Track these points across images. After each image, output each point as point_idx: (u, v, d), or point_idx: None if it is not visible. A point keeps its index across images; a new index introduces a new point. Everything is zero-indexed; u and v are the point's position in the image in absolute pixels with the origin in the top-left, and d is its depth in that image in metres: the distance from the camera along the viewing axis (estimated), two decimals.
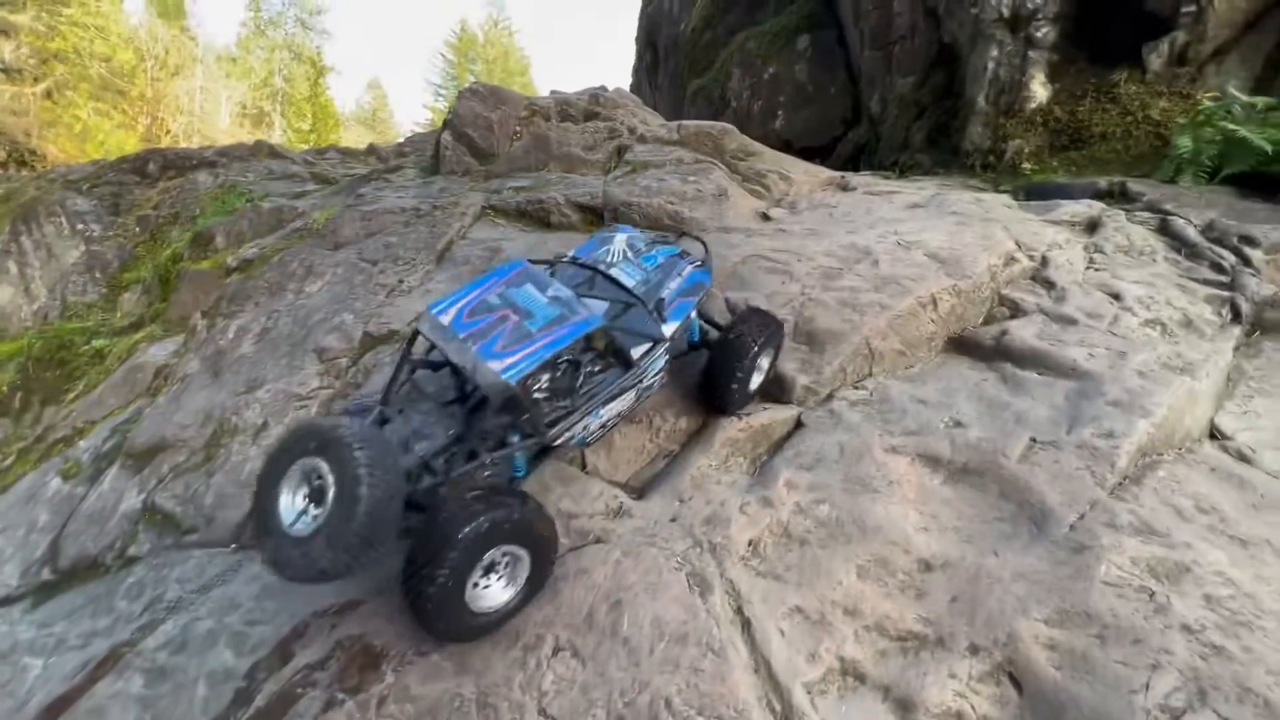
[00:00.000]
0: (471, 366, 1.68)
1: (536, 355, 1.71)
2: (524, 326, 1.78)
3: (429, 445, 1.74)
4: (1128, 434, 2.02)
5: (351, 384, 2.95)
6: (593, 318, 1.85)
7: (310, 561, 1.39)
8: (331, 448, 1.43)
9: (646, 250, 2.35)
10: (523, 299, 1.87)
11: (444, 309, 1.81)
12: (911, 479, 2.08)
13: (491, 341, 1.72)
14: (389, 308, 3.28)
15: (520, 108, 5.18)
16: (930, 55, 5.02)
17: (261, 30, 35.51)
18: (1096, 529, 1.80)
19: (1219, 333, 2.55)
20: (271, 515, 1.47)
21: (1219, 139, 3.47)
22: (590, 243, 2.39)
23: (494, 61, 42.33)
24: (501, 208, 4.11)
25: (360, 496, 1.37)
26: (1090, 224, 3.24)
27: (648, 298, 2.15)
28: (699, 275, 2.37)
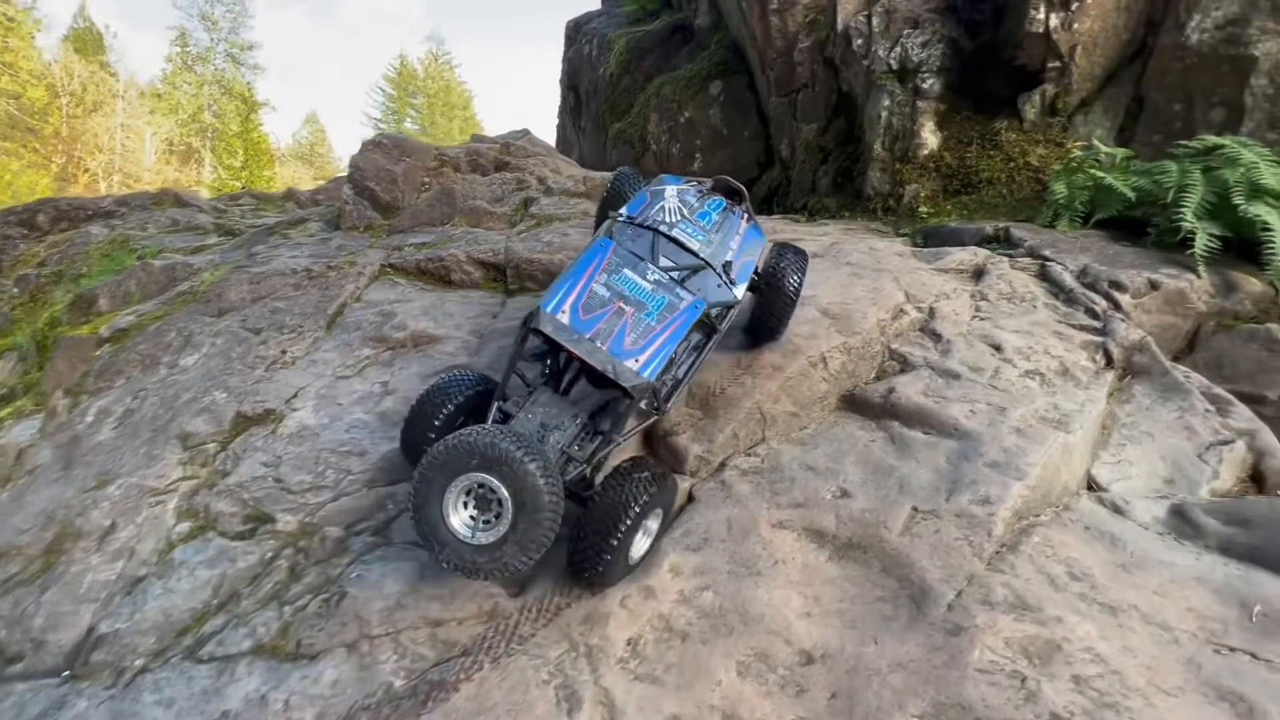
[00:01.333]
0: (612, 368, 1.81)
1: (665, 349, 1.88)
2: (642, 320, 1.91)
3: (562, 435, 1.91)
4: (1003, 499, 2.02)
5: (219, 472, 2.70)
6: (698, 301, 2.02)
7: (503, 565, 1.62)
8: (498, 464, 1.56)
9: (700, 206, 2.40)
10: (629, 287, 1.99)
11: (559, 305, 1.90)
12: (797, 557, 2.01)
13: (619, 339, 1.86)
14: (267, 384, 3.06)
15: (429, 158, 5.06)
16: (831, 103, 5.19)
17: (189, 66, 34.37)
18: (972, 607, 1.76)
19: (1093, 380, 2.63)
20: (438, 528, 1.62)
21: (1090, 185, 3.66)
22: (640, 197, 2.40)
23: (435, 95, 42.15)
24: (401, 266, 3.95)
25: (544, 506, 1.56)
26: (976, 271, 3.34)
27: (714, 259, 2.22)
28: (755, 233, 2.53)
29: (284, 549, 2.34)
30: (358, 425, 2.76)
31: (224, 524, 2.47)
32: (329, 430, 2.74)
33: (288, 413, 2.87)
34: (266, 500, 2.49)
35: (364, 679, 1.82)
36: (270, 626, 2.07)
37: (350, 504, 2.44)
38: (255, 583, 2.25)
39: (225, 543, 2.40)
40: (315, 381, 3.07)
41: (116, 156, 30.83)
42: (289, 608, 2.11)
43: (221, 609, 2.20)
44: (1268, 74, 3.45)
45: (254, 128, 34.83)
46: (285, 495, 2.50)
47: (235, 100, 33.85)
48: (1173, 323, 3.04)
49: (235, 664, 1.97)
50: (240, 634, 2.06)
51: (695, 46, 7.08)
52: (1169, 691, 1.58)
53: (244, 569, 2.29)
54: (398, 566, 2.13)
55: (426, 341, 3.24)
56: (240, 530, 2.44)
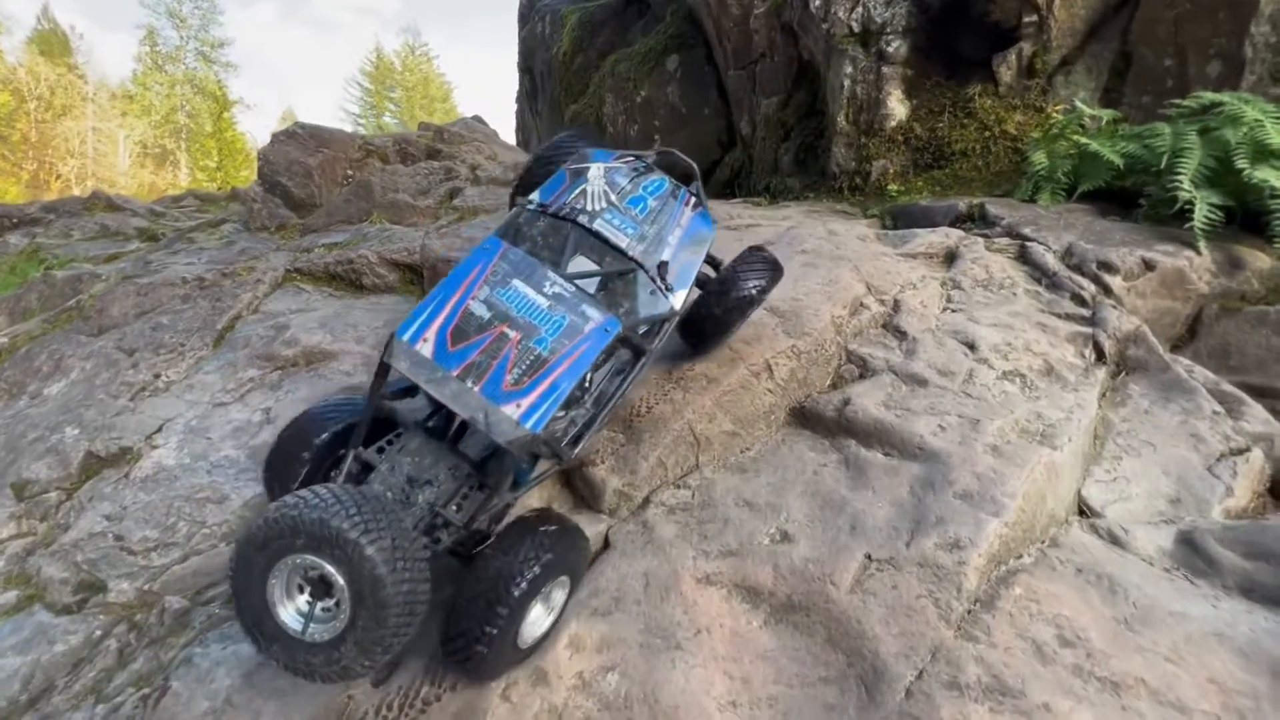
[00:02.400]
0: (484, 419, 1.38)
1: (559, 389, 1.44)
2: (531, 349, 1.47)
3: (433, 492, 1.52)
4: (976, 542, 1.63)
5: (59, 526, 2.28)
6: (610, 322, 1.56)
7: (343, 670, 1.25)
8: (329, 545, 1.19)
9: (632, 189, 1.92)
10: (517, 304, 1.53)
11: (418, 332, 1.45)
12: (725, 623, 1.62)
13: (497, 376, 1.42)
14: (129, 415, 2.63)
15: (352, 149, 4.59)
16: (791, 73, 4.77)
17: (159, 65, 33.34)
18: (936, 694, 1.38)
19: (1083, 379, 2.25)
20: (264, 618, 1.26)
21: (1073, 153, 3.28)
22: (557, 178, 1.90)
23: (414, 89, 41.28)
24: (308, 270, 3.51)
25: (389, 601, 1.20)
26: (948, 255, 2.95)
27: (646, 259, 1.76)
28: (701, 222, 2.02)
29: (116, 625, 1.93)
30: (223, 465, 2.34)
31: (52, 593, 2.06)
32: (188, 473, 2.32)
33: (146, 450, 2.45)
34: (102, 563, 2.08)
35: None
36: None
37: (200, 564, 2.03)
38: (75, 671, 1.84)
39: (48, 619, 1.98)
40: (187, 411, 2.64)
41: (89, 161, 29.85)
42: (104, 707, 1.71)
43: (30, 707, 1.79)
44: (1270, 19, 3.06)
45: (228, 126, 33.86)
46: (125, 557, 2.09)
47: (208, 100, 32.89)
48: (1171, 307, 2.67)
49: None
50: None
51: (650, 19, 6.61)
52: None
53: (64, 653, 1.88)
54: (236, 650, 1.73)
55: (320, 358, 2.81)
56: (68, 602, 2.02)
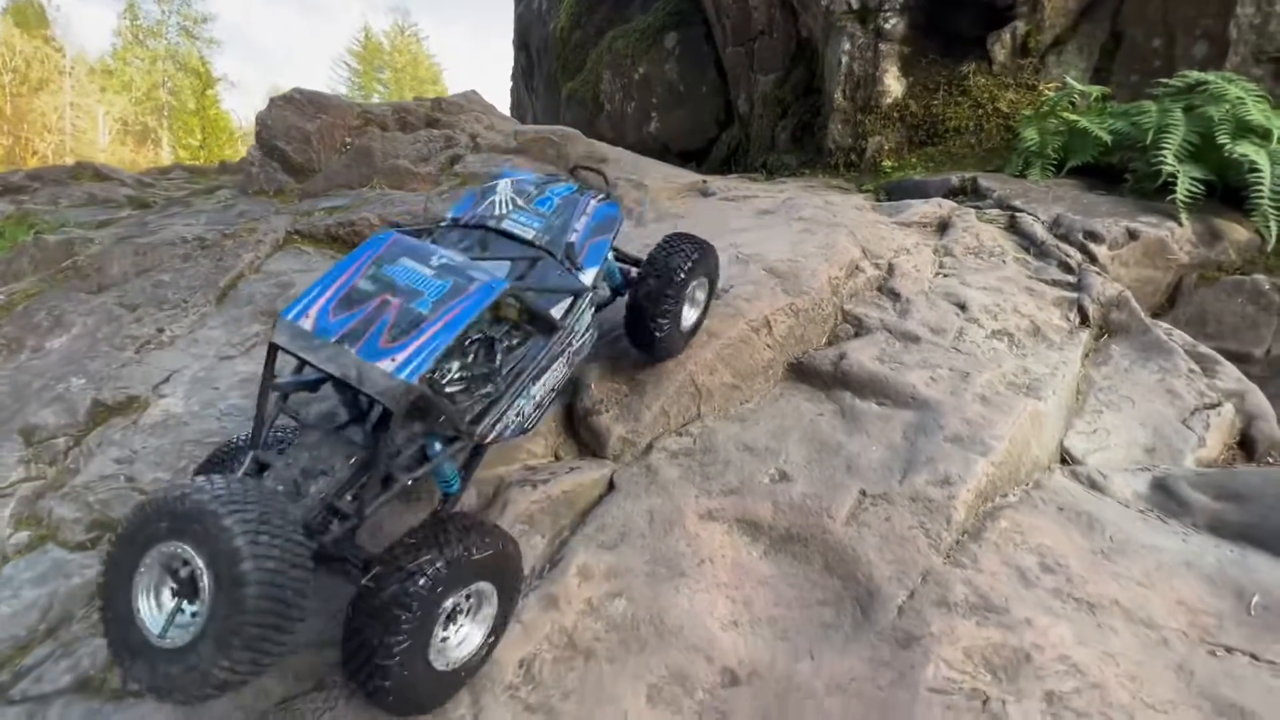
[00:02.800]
0: (355, 374, 1.31)
1: (435, 342, 1.37)
2: (411, 309, 1.42)
3: (327, 482, 1.41)
4: (965, 479, 1.73)
5: (69, 470, 2.31)
6: (495, 281, 1.50)
7: (201, 676, 1.06)
8: (189, 523, 1.08)
9: (539, 193, 2.00)
10: (403, 276, 1.49)
11: (301, 310, 1.41)
12: (727, 554, 1.71)
13: (374, 337, 1.36)
14: (135, 367, 2.65)
15: (350, 116, 4.58)
16: (789, 51, 4.81)
17: (140, 40, 32.45)
18: (927, 611, 1.47)
19: (1067, 340, 2.35)
20: (129, 628, 1.11)
21: (1063, 130, 3.37)
22: (467, 198, 2.00)
23: (402, 69, 40.65)
24: (309, 232, 3.52)
25: (245, 576, 1.05)
26: (940, 224, 3.03)
27: (553, 246, 1.84)
28: (607, 208, 2.07)
29: None
30: (232, 413, 2.37)
31: (65, 532, 2.09)
32: (198, 419, 2.36)
33: (154, 400, 2.47)
34: (115, 503, 2.11)
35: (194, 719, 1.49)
36: (98, 657, 1.71)
37: None
38: (92, 603, 1.88)
39: (63, 555, 2.02)
40: (193, 364, 2.67)
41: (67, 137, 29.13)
42: None
43: (49, 635, 1.83)
44: (1254, 2, 3.15)
45: (212, 104, 33.11)
46: (138, 497, 2.12)
47: (191, 76, 32.11)
48: (1152, 276, 2.78)
49: (49, 705, 1.62)
50: (62, 667, 1.71)
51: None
52: (1158, 707, 1.31)
53: (80, 586, 1.92)
54: None
55: None
56: (82, 540, 2.06)
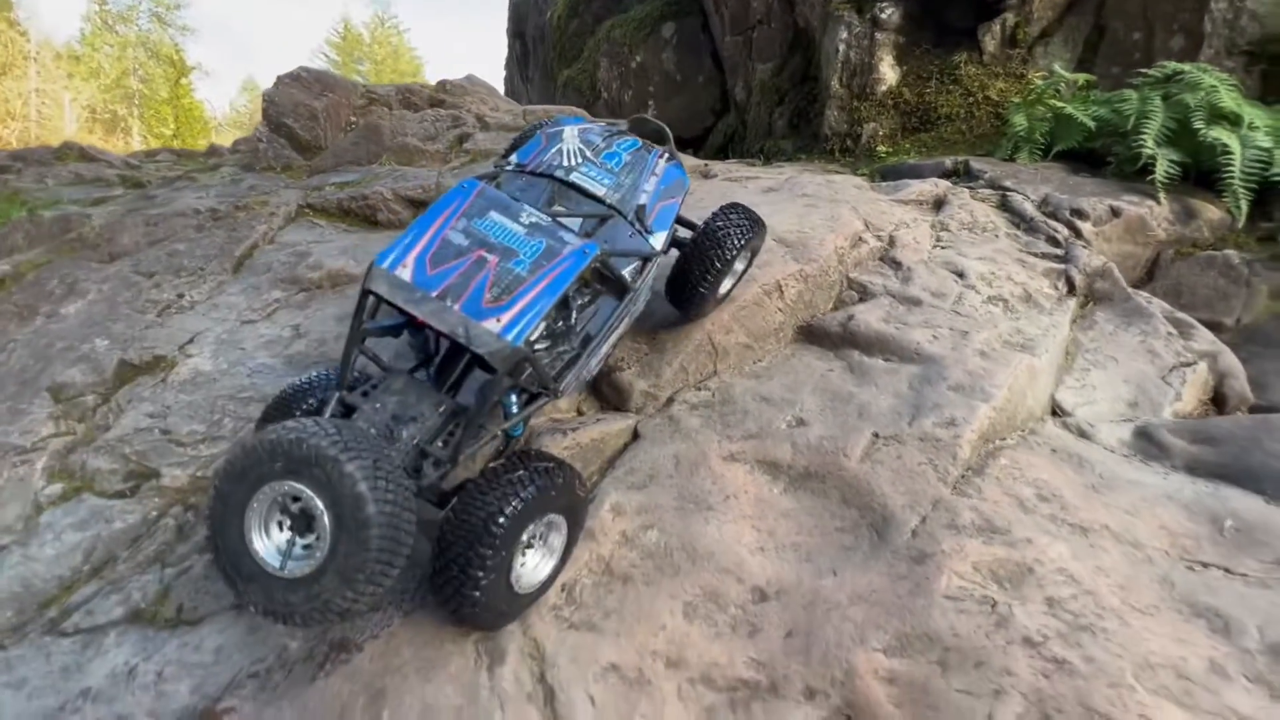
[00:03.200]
0: (464, 332, 1.38)
1: (538, 305, 1.42)
2: (509, 270, 1.46)
3: (419, 428, 1.47)
4: (969, 421, 1.87)
5: (99, 426, 2.36)
6: (589, 245, 1.55)
7: (325, 605, 1.16)
8: (307, 466, 1.14)
9: (605, 146, 1.99)
10: (495, 232, 1.53)
11: (398, 259, 1.45)
12: (749, 490, 1.83)
13: (476, 295, 1.41)
14: (158, 329, 2.69)
15: (355, 95, 4.62)
16: (787, 40, 4.95)
17: (109, 26, 31.61)
18: (938, 532, 1.61)
19: (1056, 306, 2.51)
20: (241, 558, 1.19)
21: (1050, 116, 3.55)
22: (533, 142, 1.99)
23: (383, 61, 40.18)
24: (321, 206, 3.57)
25: (370, 519, 1.13)
26: (936, 202, 3.19)
27: (624, 205, 1.83)
28: (675, 171, 2.07)
29: (171, 506, 2.03)
30: (262, 370, 2.44)
31: (101, 482, 2.15)
32: (228, 376, 2.42)
33: (181, 359, 2.53)
34: (151, 454, 2.17)
35: (254, 643, 1.57)
36: (148, 591, 1.78)
37: None
38: (135, 545, 1.95)
39: (101, 502, 2.08)
40: (216, 326, 2.72)
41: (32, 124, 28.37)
42: (172, 570, 1.83)
43: (94, 575, 1.90)
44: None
45: (185, 93, 32.41)
46: (174, 448, 2.19)
47: (164, 64, 31.37)
48: (1133, 251, 2.96)
49: (103, 635, 1.69)
50: (112, 601, 1.78)
51: None
52: (1144, 610, 1.46)
53: (122, 530, 1.99)
54: None
55: (345, 281, 2.91)
56: (120, 489, 2.12)
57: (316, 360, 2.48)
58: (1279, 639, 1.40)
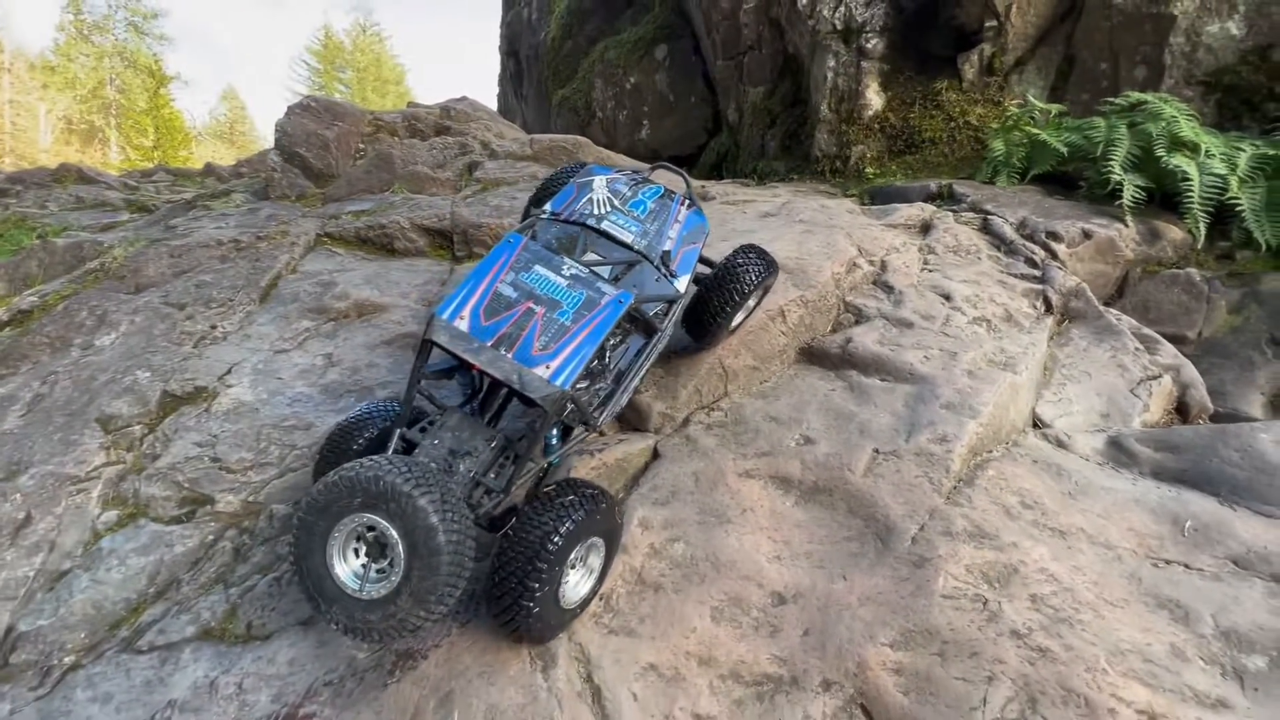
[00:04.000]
0: (517, 378, 1.55)
1: (583, 351, 1.61)
2: (555, 320, 1.65)
3: (473, 461, 1.64)
4: (959, 436, 2.08)
5: (147, 455, 2.50)
6: (623, 294, 1.74)
7: (400, 623, 1.33)
8: (385, 501, 1.30)
9: (632, 195, 2.17)
10: (540, 285, 1.73)
11: (456, 311, 1.64)
12: (764, 504, 2.02)
13: (527, 344, 1.60)
14: (196, 360, 2.84)
15: (363, 123, 4.78)
16: (777, 65, 5.18)
17: (85, 35, 31.28)
18: (935, 539, 1.81)
19: (1035, 325, 2.74)
20: (324, 580, 1.35)
21: (1026, 142, 3.79)
22: (566, 191, 2.16)
23: (365, 70, 40.08)
24: (339, 235, 3.73)
25: (440, 548, 1.30)
26: (923, 226, 3.42)
27: (651, 251, 2.00)
28: (696, 218, 2.27)
29: (227, 530, 2.19)
30: (301, 399, 2.60)
31: (156, 509, 2.30)
32: (269, 406, 2.57)
33: (222, 390, 2.68)
34: (204, 481, 2.32)
35: (324, 655, 1.73)
36: (216, 610, 1.94)
37: (297, 480, 2.31)
38: (196, 567, 2.10)
39: (159, 528, 2.23)
40: (251, 356, 2.87)
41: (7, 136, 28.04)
42: (236, 589, 1.99)
43: (160, 597, 2.05)
44: (1185, 32, 3.63)
45: (165, 103, 32.17)
46: (224, 475, 2.34)
47: (141, 74, 31.11)
48: (1104, 270, 3.20)
49: (179, 652, 1.84)
50: (183, 620, 1.93)
51: (639, 9, 6.92)
52: (1115, 603, 1.67)
53: (183, 554, 2.14)
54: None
55: (371, 311, 3.07)
56: (176, 514, 2.27)
57: (351, 388, 2.65)
58: (1230, 625, 1.61)
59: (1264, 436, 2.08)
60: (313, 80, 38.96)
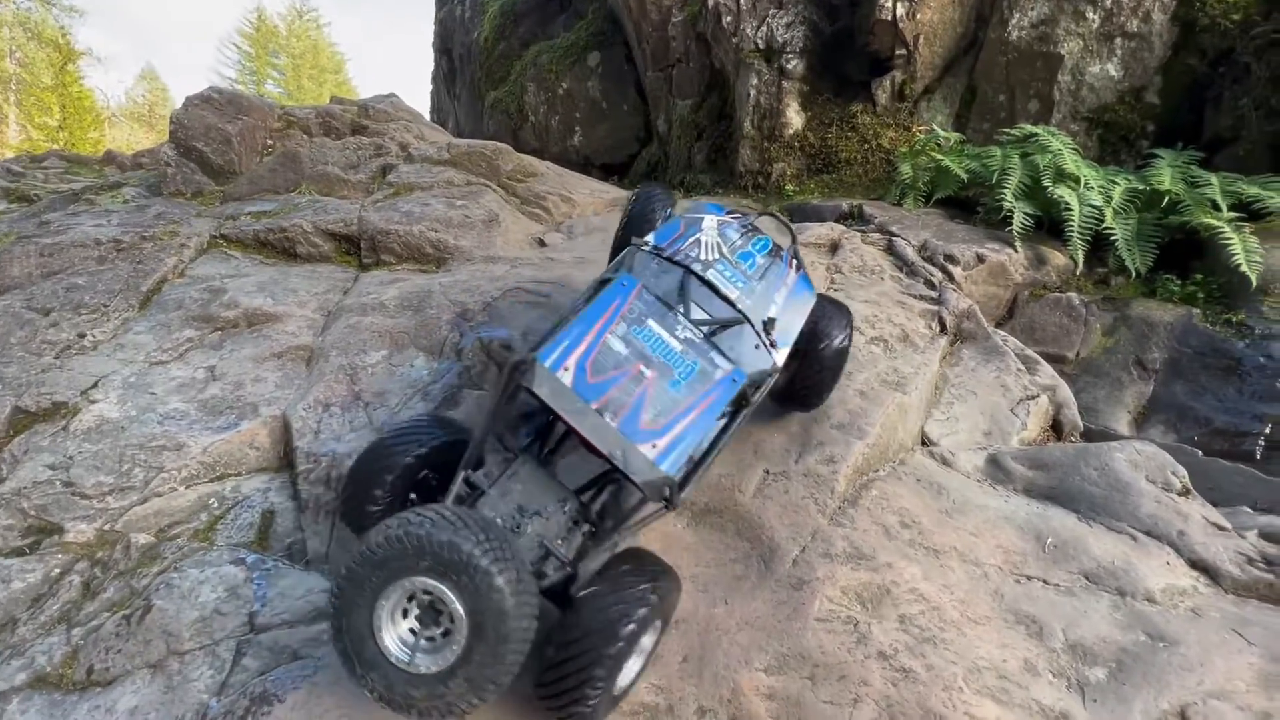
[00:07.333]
0: (621, 455, 1.37)
1: (694, 434, 1.44)
2: (666, 390, 1.48)
3: (542, 524, 1.47)
4: (845, 457, 2.14)
5: None
6: (738, 372, 1.58)
7: (448, 706, 1.19)
8: (458, 572, 1.14)
9: (742, 244, 1.95)
10: (652, 344, 1.55)
11: (560, 359, 1.44)
12: (657, 526, 2.01)
13: (634, 414, 1.41)
14: (56, 372, 2.60)
15: (271, 118, 4.53)
16: (705, 79, 5.24)
17: None
18: (814, 561, 1.85)
19: (929, 345, 2.85)
20: (365, 643, 1.20)
21: (931, 167, 3.97)
22: (672, 225, 1.95)
23: (301, 56, 38.23)
24: (236, 237, 3.51)
25: (511, 634, 1.16)
26: (832, 245, 3.52)
27: (754, 314, 1.77)
28: (804, 285, 2.07)
29: (76, 563, 2.00)
30: (174, 416, 2.42)
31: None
32: (137, 424, 2.38)
33: (84, 405, 2.46)
34: (53, 508, 2.12)
35: (171, 701, 1.60)
36: (54, 654, 1.76)
37: (163, 505, 2.14)
38: (37, 605, 1.91)
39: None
40: (122, 369, 2.65)
41: None
42: (80, 630, 1.82)
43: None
44: (1071, 71, 3.89)
45: (73, 80, 29.76)
46: (78, 501, 2.14)
47: (47, 47, 28.66)
48: (996, 293, 3.38)
49: (5, 703, 1.66)
50: (14, 667, 1.74)
51: (572, 14, 6.87)
52: (978, 620, 1.75)
53: (22, 590, 1.94)
54: (220, 571, 1.89)
55: (263, 320, 2.90)
56: (18, 545, 2.06)
57: (233, 405, 2.48)
58: (1078, 638, 1.71)
59: (1119, 455, 2.23)
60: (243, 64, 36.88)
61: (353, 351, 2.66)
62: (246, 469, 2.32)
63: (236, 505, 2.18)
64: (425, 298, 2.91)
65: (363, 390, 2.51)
